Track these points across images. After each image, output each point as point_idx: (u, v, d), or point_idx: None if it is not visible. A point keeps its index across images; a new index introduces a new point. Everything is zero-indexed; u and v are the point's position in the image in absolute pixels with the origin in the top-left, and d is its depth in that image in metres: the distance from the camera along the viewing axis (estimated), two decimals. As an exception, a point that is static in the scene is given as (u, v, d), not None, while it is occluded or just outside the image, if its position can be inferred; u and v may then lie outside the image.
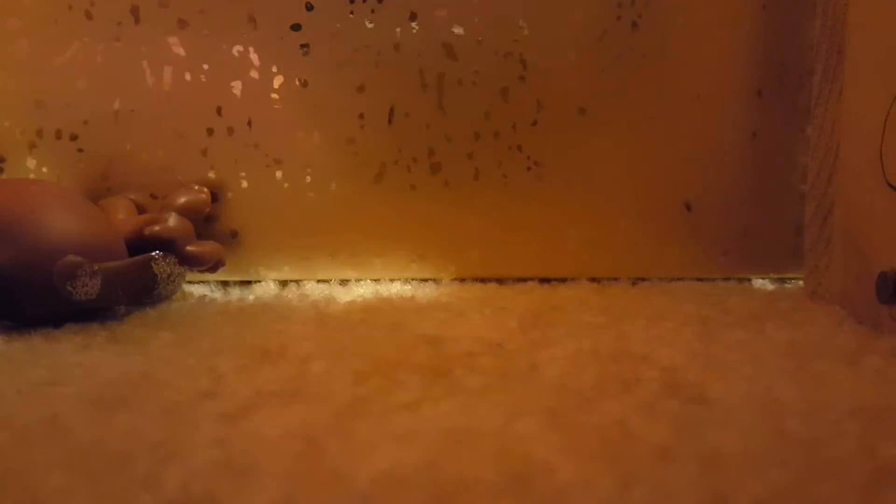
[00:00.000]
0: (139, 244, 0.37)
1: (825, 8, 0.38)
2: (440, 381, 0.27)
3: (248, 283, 0.43)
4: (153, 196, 0.43)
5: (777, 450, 0.21)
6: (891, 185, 0.32)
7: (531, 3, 0.42)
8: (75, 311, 0.35)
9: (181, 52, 0.42)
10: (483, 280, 0.44)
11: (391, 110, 0.43)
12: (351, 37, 0.42)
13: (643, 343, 0.31)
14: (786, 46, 0.42)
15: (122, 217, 0.39)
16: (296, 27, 0.42)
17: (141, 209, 0.42)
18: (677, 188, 0.43)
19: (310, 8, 0.42)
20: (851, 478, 0.19)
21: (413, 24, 0.42)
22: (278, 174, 0.43)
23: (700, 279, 0.43)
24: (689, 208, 0.43)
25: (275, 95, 0.42)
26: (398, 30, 0.42)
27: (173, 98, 0.42)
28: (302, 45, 0.40)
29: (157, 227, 0.38)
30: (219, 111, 0.42)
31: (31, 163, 0.42)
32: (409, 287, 0.42)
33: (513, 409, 0.24)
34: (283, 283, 0.43)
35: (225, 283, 0.44)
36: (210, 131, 0.43)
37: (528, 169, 0.43)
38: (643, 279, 0.43)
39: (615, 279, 0.43)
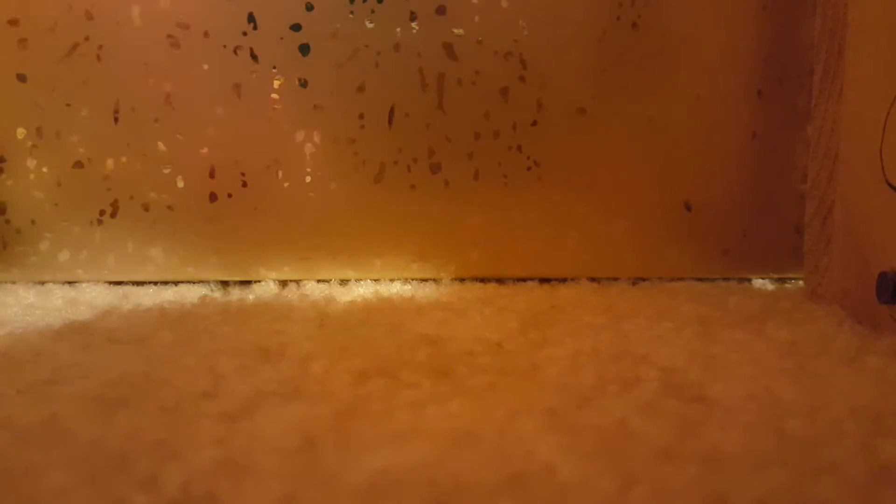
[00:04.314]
0: None
1: (825, 8, 0.38)
2: (440, 380, 0.27)
3: (248, 283, 0.43)
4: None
5: (777, 450, 0.21)
6: (891, 185, 0.32)
7: (531, 3, 0.42)
8: None
9: (182, 51, 0.42)
10: (483, 280, 0.44)
11: (391, 110, 0.43)
12: (351, 37, 0.42)
13: (643, 343, 0.31)
14: (786, 46, 0.42)
15: None
16: (296, 27, 0.42)
17: None
18: (677, 188, 0.43)
19: (310, 8, 0.42)
20: (851, 478, 0.19)
21: (413, 24, 0.42)
22: (278, 174, 0.43)
23: (700, 279, 0.43)
24: (689, 208, 0.43)
25: (275, 95, 0.42)
26: (398, 30, 0.42)
27: (173, 97, 0.42)
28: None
29: None
30: (219, 111, 0.42)
31: (31, 163, 0.42)
32: (409, 287, 0.42)
33: (513, 409, 0.24)
34: (283, 283, 0.43)
35: (225, 283, 0.44)
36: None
37: (528, 169, 0.43)
38: (643, 279, 0.43)
39: (615, 279, 0.43)
